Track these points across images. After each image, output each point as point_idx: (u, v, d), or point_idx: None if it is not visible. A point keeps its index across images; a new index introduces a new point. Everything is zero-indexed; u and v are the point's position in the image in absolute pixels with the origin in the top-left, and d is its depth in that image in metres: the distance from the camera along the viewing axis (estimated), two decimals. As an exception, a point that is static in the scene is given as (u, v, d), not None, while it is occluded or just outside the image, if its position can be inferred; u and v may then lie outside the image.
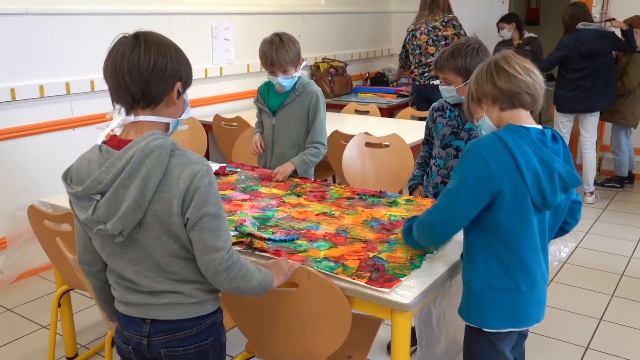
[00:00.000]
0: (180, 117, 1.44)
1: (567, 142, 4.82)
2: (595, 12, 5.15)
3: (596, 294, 3.22)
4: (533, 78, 1.59)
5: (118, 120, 1.37)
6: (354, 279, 1.63)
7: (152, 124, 1.37)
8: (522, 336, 1.81)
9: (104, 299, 1.58)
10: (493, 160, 1.53)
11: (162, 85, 1.34)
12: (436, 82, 4.86)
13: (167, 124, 1.41)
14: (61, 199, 2.40)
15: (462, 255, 1.74)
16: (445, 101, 2.40)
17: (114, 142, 1.36)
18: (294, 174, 2.68)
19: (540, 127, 1.61)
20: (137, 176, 1.29)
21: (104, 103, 3.67)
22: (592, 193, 4.76)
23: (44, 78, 3.37)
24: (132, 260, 1.40)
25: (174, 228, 1.34)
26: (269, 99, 2.83)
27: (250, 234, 1.88)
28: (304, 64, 2.76)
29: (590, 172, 4.75)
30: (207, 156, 4.31)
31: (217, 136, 4.21)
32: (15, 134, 3.28)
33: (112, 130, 1.39)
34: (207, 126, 4.23)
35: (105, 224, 1.33)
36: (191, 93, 1.47)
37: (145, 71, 1.31)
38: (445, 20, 4.88)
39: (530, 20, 8.10)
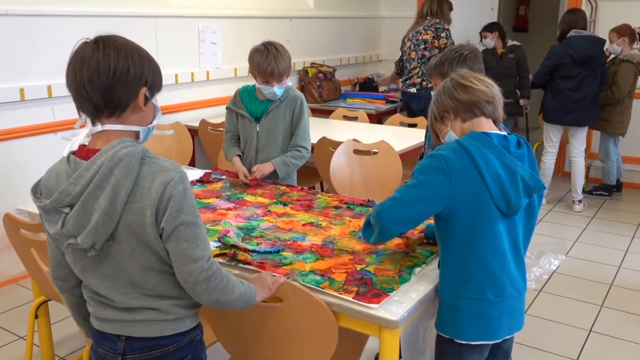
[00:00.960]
0: (150, 124, 1.36)
1: (555, 151, 4.83)
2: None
3: (585, 305, 3.19)
4: (489, 87, 1.65)
5: (85, 131, 1.29)
6: (340, 293, 1.58)
7: (120, 132, 1.30)
8: (504, 352, 1.77)
9: (79, 314, 1.51)
10: (453, 163, 1.54)
11: (125, 91, 1.27)
12: (412, 89, 4.87)
13: (137, 132, 1.34)
14: (39, 206, 2.32)
15: (438, 264, 1.71)
16: None
17: (82, 153, 1.30)
18: (275, 176, 2.63)
19: (503, 133, 1.63)
20: (107, 186, 1.23)
21: (87, 107, 3.61)
22: (580, 201, 4.75)
23: (25, 81, 3.28)
24: (106, 276, 1.34)
25: (149, 239, 1.28)
26: (250, 104, 2.75)
27: (233, 246, 1.81)
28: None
29: (578, 180, 4.74)
30: (192, 162, 4.24)
31: (203, 141, 4.14)
32: (10, 135, 3.19)
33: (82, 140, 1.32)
34: (193, 131, 4.16)
35: (76, 237, 1.27)
36: (177, 97, 1.40)
37: (106, 77, 1.24)
38: (429, 24, 4.86)
39: (519, 27, 8.11)
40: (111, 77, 1.24)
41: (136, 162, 1.25)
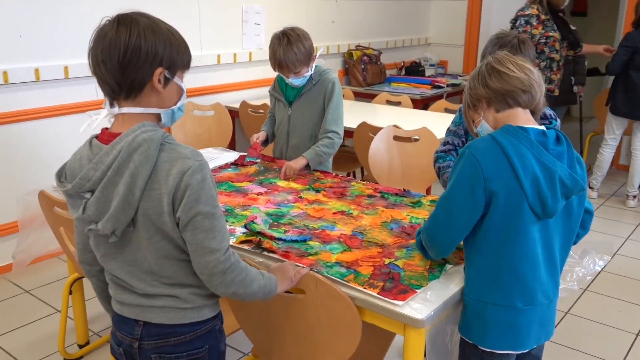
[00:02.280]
0: (174, 105, 1.31)
1: (616, 144, 4.58)
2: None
3: (634, 306, 3.02)
4: (528, 74, 1.49)
5: (103, 113, 1.27)
6: (365, 287, 1.52)
7: (140, 115, 1.26)
8: (534, 358, 1.66)
9: (105, 298, 1.50)
10: (487, 163, 1.42)
11: (138, 72, 1.21)
12: None
13: (159, 115, 1.29)
14: (75, 184, 2.34)
15: (464, 266, 1.62)
16: None
17: (104, 136, 1.27)
18: (308, 168, 2.56)
19: (541, 127, 1.48)
20: (125, 172, 1.20)
21: (129, 86, 3.63)
22: (635, 197, 4.51)
23: (69, 59, 3.32)
24: (126, 262, 1.32)
25: (166, 228, 1.25)
26: (286, 89, 2.72)
27: (259, 233, 1.77)
28: (318, 56, 2.64)
29: (637, 175, 4.49)
30: (232, 143, 4.23)
31: (244, 123, 4.12)
32: (39, 114, 3.25)
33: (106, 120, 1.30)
34: (234, 112, 4.15)
35: (97, 223, 1.25)
36: (219, 78, 1.34)
37: (117, 57, 1.19)
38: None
39: (578, 11, 7.73)
40: (122, 57, 1.19)
41: (155, 148, 1.21)
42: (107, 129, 1.29)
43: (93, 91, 3.46)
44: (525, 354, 1.60)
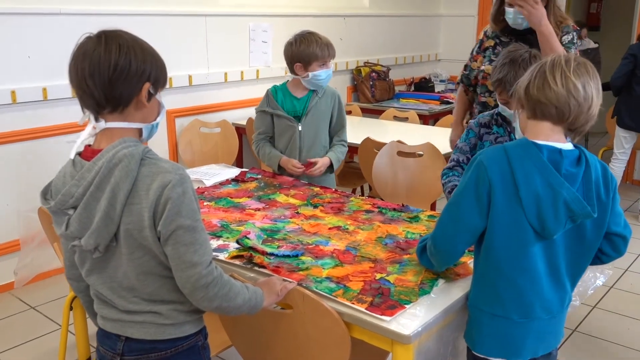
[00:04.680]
0: (154, 120, 1.34)
1: (626, 158, 4.51)
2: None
3: (644, 324, 2.96)
4: (570, 91, 1.39)
5: (87, 130, 1.28)
6: (353, 303, 1.50)
7: (123, 130, 1.28)
8: None
9: (93, 314, 1.50)
10: (493, 171, 1.42)
11: (127, 86, 1.24)
12: None
13: (140, 129, 1.32)
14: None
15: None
16: (492, 116, 2.20)
17: (87, 153, 1.29)
18: (329, 170, 2.73)
19: (560, 145, 1.43)
20: (107, 188, 1.22)
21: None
22: (647, 211, 4.44)
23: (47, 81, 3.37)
24: (109, 277, 1.33)
25: (147, 243, 1.25)
26: (285, 104, 2.72)
27: (251, 248, 1.77)
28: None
29: None
30: (239, 160, 4.25)
31: (250, 140, 4.14)
32: (47, 133, 3.30)
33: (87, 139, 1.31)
34: (241, 129, 4.18)
35: (80, 239, 1.26)
36: (226, 96, 1.40)
37: (107, 72, 1.21)
38: None
39: (591, 26, 7.69)
40: (112, 71, 1.22)
41: (135, 162, 1.23)
42: (89, 145, 1.30)
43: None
44: None
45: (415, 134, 3.70)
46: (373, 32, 5.47)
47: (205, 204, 2.28)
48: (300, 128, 2.69)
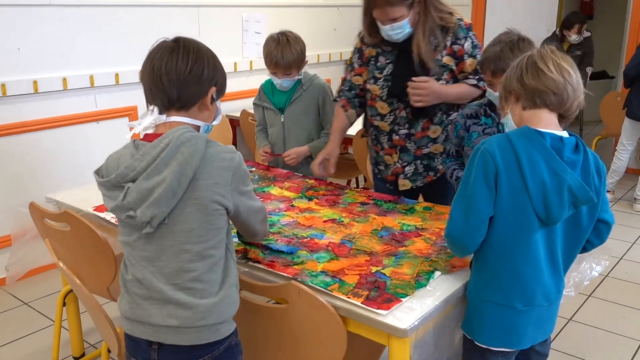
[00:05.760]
0: (212, 122, 1.47)
1: (633, 148, 4.50)
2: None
3: (639, 312, 2.96)
4: (565, 77, 1.44)
5: (150, 119, 1.38)
6: (349, 297, 1.49)
7: (182, 124, 1.38)
8: (539, 355, 1.68)
9: None
10: (499, 159, 1.42)
11: (198, 89, 1.38)
12: None
13: (198, 127, 1.42)
14: (67, 195, 2.34)
15: (470, 263, 1.63)
16: (480, 106, 2.16)
17: (148, 138, 1.36)
18: (309, 160, 2.62)
19: (560, 133, 1.45)
20: (173, 162, 1.29)
21: (128, 96, 3.64)
22: (642, 200, 4.44)
23: (67, 70, 3.33)
24: (152, 259, 1.35)
25: (211, 218, 1.34)
26: (273, 96, 2.73)
27: (246, 242, 1.75)
28: (307, 64, 2.67)
29: None
30: (233, 152, 4.22)
31: (245, 132, 4.12)
32: (38, 126, 3.26)
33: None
34: (235, 121, 4.15)
35: (135, 210, 1.30)
36: None
37: (182, 74, 1.35)
38: None
39: (584, 15, 7.68)
40: (187, 73, 1.35)
41: (202, 142, 1.32)
42: (148, 133, 1.39)
43: (92, 102, 3.48)
44: (530, 351, 1.62)
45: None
46: (367, 22, 5.42)
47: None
48: (282, 119, 2.71)
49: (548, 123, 1.46)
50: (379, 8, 2.12)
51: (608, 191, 4.68)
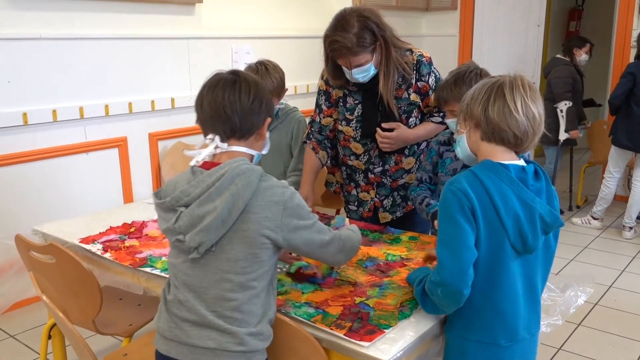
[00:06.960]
0: (261, 151, 1.54)
1: (620, 176, 4.54)
2: (635, 34, 4.87)
3: (629, 341, 2.95)
4: (530, 121, 1.41)
5: (210, 148, 1.43)
6: (332, 328, 1.49)
7: (240, 153, 1.45)
8: None
9: None
10: (472, 195, 1.40)
11: (257, 118, 1.46)
12: None
13: (252, 156, 1.49)
14: (54, 227, 2.34)
15: None
16: (452, 133, 2.19)
17: (206, 165, 1.42)
18: None
19: (520, 163, 1.46)
20: (226, 192, 1.33)
21: (118, 127, 3.66)
22: (631, 228, 4.47)
23: (57, 102, 3.36)
24: (194, 283, 1.40)
25: (259, 250, 1.37)
26: None
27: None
28: (286, 93, 2.65)
29: (635, 206, 4.44)
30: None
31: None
32: (27, 157, 3.26)
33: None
34: (225, 151, 4.16)
35: (185, 235, 1.36)
36: None
37: (247, 103, 1.43)
38: None
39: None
40: (250, 103, 1.43)
41: (256, 176, 1.38)
42: (207, 161, 1.45)
43: (82, 133, 3.49)
44: None
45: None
46: (356, 52, 5.50)
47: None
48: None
49: (507, 157, 1.45)
50: (343, 58, 2.15)
51: (596, 219, 4.71)
